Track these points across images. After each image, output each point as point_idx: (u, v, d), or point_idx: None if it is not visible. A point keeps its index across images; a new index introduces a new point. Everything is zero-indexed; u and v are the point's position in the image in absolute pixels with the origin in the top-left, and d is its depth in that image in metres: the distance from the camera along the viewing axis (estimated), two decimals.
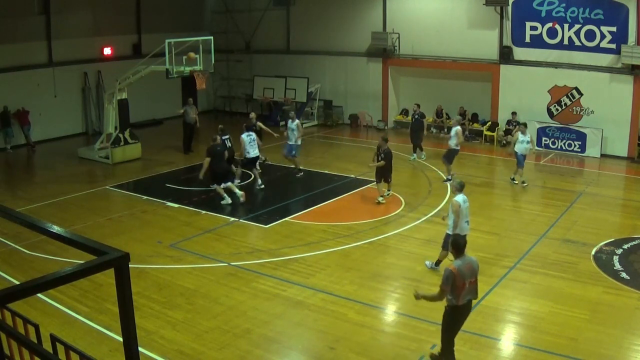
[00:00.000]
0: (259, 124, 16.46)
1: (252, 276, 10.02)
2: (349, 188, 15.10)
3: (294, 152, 16.18)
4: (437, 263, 10.02)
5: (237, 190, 13.79)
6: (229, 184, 13.81)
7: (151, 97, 23.24)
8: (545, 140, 19.20)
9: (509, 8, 19.38)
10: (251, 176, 16.16)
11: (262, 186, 15.13)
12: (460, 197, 9.65)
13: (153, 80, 19.36)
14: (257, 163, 15.48)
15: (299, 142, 16.20)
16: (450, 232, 9.48)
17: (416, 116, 18.27)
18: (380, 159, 13.44)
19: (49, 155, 19.48)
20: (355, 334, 8.12)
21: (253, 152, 14.71)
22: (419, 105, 18.47)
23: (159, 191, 14.95)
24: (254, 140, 14.82)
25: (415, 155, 18.22)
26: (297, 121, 16.17)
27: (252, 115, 16.75)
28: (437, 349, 7.34)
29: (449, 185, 14.13)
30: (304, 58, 24.24)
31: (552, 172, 16.93)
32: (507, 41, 19.77)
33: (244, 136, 14.67)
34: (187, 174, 16.75)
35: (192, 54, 16.73)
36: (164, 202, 14.05)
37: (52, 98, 21.04)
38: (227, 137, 14.93)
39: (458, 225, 9.49)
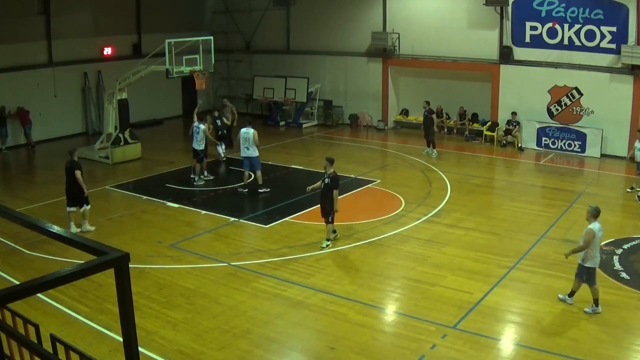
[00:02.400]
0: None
1: (252, 276, 10.02)
2: (349, 188, 15.09)
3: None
4: (571, 294, 8.91)
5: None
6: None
7: (151, 97, 23.26)
8: (545, 140, 19.19)
9: (509, 8, 19.38)
10: (250, 176, 16.18)
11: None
12: (595, 225, 8.48)
13: (153, 80, 19.37)
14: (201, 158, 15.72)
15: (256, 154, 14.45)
16: (583, 264, 8.58)
17: (425, 113, 18.42)
18: (323, 184, 11.26)
19: (49, 155, 19.46)
20: (355, 334, 8.12)
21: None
22: (428, 103, 18.67)
23: (159, 191, 14.95)
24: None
25: (428, 149, 18.51)
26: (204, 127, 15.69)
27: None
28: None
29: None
30: (304, 58, 24.24)
31: (552, 172, 16.93)
32: (507, 41, 19.77)
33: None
34: (187, 173, 16.75)
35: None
36: (164, 202, 14.04)
37: (52, 98, 21.04)
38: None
39: (590, 257, 8.50)
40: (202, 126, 15.63)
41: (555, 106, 19.17)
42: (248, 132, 14.26)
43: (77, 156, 12.27)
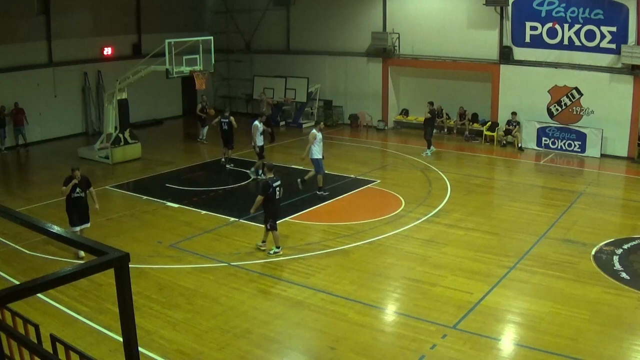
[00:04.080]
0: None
1: (252, 276, 10.02)
2: (349, 188, 15.10)
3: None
4: None
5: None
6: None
7: (151, 97, 23.27)
8: (545, 140, 19.19)
9: (509, 8, 19.37)
10: (249, 177, 16.20)
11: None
12: None
13: (153, 80, 19.38)
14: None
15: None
16: None
17: (428, 113, 18.45)
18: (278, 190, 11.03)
19: (49, 155, 19.47)
20: (355, 334, 8.12)
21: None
22: (431, 103, 18.65)
23: (159, 191, 14.95)
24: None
25: (428, 150, 18.62)
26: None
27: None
28: None
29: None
30: (304, 58, 24.23)
31: (552, 172, 16.93)
32: (507, 41, 19.77)
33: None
34: (187, 173, 16.77)
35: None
36: (164, 202, 14.04)
37: (52, 98, 21.04)
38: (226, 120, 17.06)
39: None
40: (256, 122, 15.80)
41: (555, 106, 19.17)
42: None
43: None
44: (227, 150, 17.36)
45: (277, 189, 10.84)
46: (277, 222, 10.94)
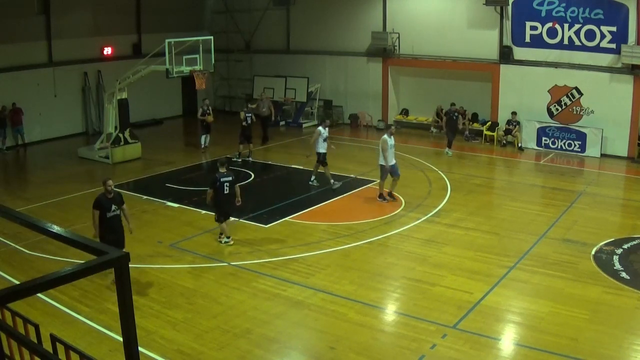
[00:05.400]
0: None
1: (252, 276, 10.02)
2: (349, 188, 15.09)
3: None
4: None
5: None
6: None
7: (151, 97, 23.27)
8: (545, 140, 19.19)
9: (509, 8, 19.37)
10: (250, 176, 16.20)
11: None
12: None
13: (153, 80, 19.38)
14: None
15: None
16: None
17: (451, 115, 18.67)
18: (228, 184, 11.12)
19: (49, 155, 19.47)
20: (355, 334, 8.12)
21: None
22: (452, 104, 18.80)
23: (159, 191, 14.95)
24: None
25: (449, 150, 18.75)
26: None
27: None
28: None
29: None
30: (304, 58, 24.23)
31: (552, 172, 16.93)
32: (507, 41, 19.77)
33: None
34: (187, 173, 16.76)
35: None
36: (164, 202, 14.04)
37: (52, 98, 21.03)
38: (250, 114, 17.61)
39: None
40: (320, 128, 14.97)
41: (555, 106, 19.17)
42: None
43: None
44: (249, 145, 17.80)
45: (226, 184, 11.01)
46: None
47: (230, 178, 11.10)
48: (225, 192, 11.07)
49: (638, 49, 17.01)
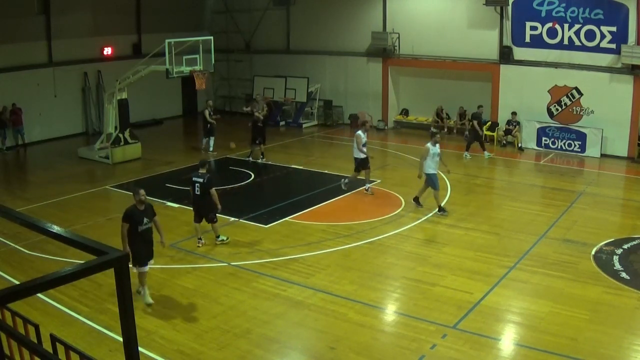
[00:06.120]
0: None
1: (252, 276, 10.02)
2: (349, 188, 15.07)
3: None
4: None
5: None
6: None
7: (151, 97, 23.26)
8: (545, 140, 19.19)
9: (509, 8, 19.38)
10: (250, 176, 16.20)
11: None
12: None
13: (153, 80, 19.37)
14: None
15: None
16: None
17: (476, 117, 18.32)
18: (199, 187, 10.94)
19: (49, 155, 19.47)
20: (355, 334, 8.12)
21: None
22: (480, 106, 18.63)
23: (159, 191, 14.93)
24: None
25: (487, 152, 18.38)
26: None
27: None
28: None
29: None
30: (304, 58, 24.24)
31: (552, 172, 16.93)
32: (507, 41, 19.77)
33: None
34: (187, 173, 16.74)
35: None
36: (164, 202, 14.04)
37: (52, 98, 21.04)
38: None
39: None
40: (359, 132, 14.36)
41: (555, 106, 19.17)
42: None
43: None
44: (262, 146, 17.80)
45: (197, 184, 10.90)
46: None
47: (201, 180, 10.83)
48: (197, 192, 10.91)
49: (638, 49, 17.01)
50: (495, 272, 10.03)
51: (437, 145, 13.14)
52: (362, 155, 14.25)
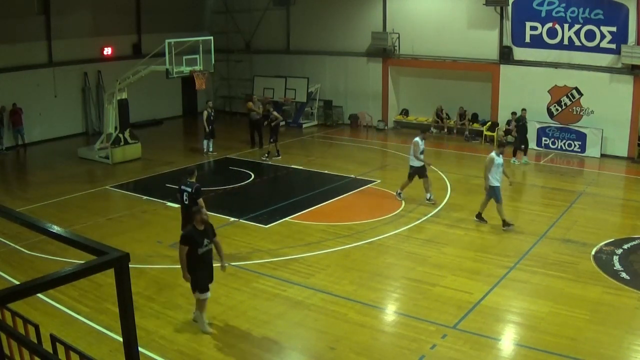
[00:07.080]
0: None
1: (252, 276, 10.01)
2: (349, 188, 15.09)
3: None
4: None
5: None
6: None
7: (151, 97, 23.26)
8: (545, 140, 19.19)
9: (509, 8, 19.38)
10: (250, 176, 16.21)
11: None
12: None
13: (153, 80, 19.36)
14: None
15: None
16: None
17: (521, 121, 17.68)
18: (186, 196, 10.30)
19: (49, 156, 19.47)
20: (355, 334, 8.11)
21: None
22: (523, 110, 17.85)
23: (159, 191, 14.94)
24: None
25: (526, 157, 17.82)
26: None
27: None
28: None
29: None
30: (304, 58, 24.24)
31: (552, 172, 16.93)
32: (507, 41, 19.77)
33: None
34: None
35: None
36: (164, 202, 14.04)
37: (52, 98, 21.04)
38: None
39: None
40: (417, 139, 13.49)
41: (555, 106, 19.18)
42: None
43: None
44: (274, 144, 18.12)
45: (185, 193, 10.16)
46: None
47: (189, 189, 10.13)
48: (185, 201, 10.19)
49: (638, 49, 17.01)
50: (495, 272, 10.03)
51: (501, 156, 12.34)
52: (419, 163, 13.44)
